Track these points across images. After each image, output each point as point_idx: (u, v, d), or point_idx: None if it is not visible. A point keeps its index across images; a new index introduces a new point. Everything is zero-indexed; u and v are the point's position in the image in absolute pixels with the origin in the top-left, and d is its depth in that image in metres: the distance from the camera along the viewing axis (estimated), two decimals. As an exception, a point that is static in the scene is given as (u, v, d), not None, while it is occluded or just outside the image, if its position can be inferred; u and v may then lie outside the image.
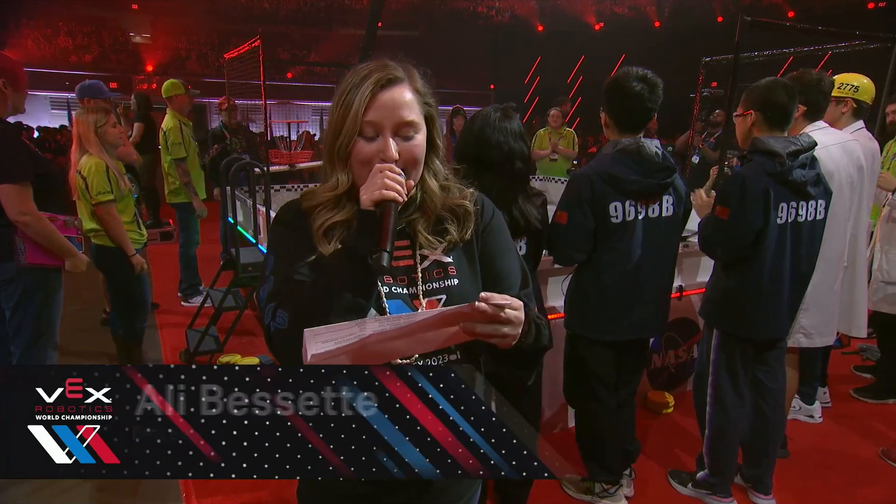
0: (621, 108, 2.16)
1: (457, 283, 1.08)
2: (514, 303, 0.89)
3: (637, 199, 2.14)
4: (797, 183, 2.14)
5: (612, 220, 2.14)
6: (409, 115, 1.01)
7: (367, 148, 1.00)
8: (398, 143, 1.00)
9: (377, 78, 1.00)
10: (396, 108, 1.00)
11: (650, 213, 2.17)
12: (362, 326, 0.85)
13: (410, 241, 1.08)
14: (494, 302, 0.86)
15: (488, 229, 1.15)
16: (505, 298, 0.88)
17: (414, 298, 1.05)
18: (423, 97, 1.05)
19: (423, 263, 1.07)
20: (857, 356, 4.18)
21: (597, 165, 2.19)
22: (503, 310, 0.87)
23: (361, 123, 0.99)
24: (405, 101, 1.01)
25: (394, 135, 1.00)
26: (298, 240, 1.04)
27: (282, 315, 0.95)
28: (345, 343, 0.85)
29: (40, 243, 2.49)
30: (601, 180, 2.12)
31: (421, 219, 1.08)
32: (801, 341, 2.60)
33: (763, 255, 2.19)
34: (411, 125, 1.01)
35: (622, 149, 2.13)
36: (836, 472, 2.80)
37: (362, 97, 0.99)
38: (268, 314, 0.97)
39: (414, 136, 1.02)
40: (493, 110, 2.02)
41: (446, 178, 1.13)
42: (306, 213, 1.06)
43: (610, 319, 2.25)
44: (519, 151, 1.98)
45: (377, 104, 0.99)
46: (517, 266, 1.17)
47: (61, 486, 2.57)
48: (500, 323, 0.88)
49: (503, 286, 1.12)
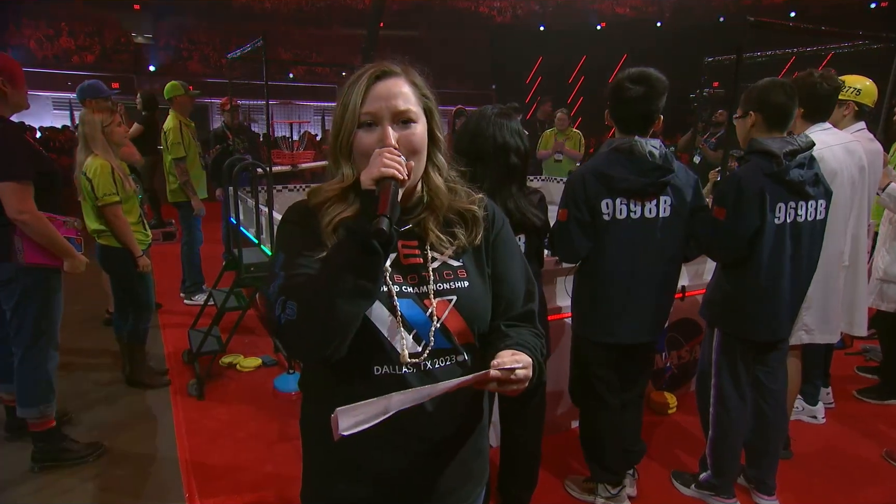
0: (620, 110, 2.16)
1: (467, 285, 1.08)
2: (522, 361, 0.97)
3: (629, 197, 2.13)
4: (795, 183, 2.14)
5: (604, 218, 2.14)
6: (405, 104, 1.03)
7: (366, 138, 1.02)
8: (397, 131, 1.02)
9: (372, 72, 1.04)
10: (392, 98, 1.02)
11: (646, 213, 2.15)
12: (389, 400, 0.89)
13: (420, 241, 1.08)
14: (506, 367, 0.94)
15: (499, 239, 1.15)
16: (515, 361, 0.96)
17: (424, 298, 1.05)
18: (420, 90, 1.08)
19: (433, 263, 1.07)
20: (861, 357, 4.18)
21: (591, 164, 2.20)
22: (514, 372, 0.95)
23: (359, 115, 1.02)
24: (401, 92, 1.03)
25: (392, 124, 1.02)
26: (307, 237, 1.03)
27: (291, 306, 0.94)
28: (374, 421, 0.87)
29: (39, 243, 2.49)
30: (594, 178, 2.13)
31: (430, 217, 1.08)
32: (802, 338, 2.61)
33: (761, 255, 2.18)
34: (408, 113, 1.03)
35: (615, 147, 2.15)
36: (839, 473, 2.79)
37: (359, 90, 1.02)
38: (278, 307, 0.96)
39: (412, 125, 1.03)
40: (492, 108, 2.05)
41: (453, 179, 1.13)
42: (314, 210, 1.06)
43: (607, 321, 2.25)
44: (514, 146, 2.00)
45: (373, 95, 1.02)
46: (523, 280, 1.17)
47: (63, 486, 2.57)
48: (510, 382, 0.95)
49: (506, 301, 1.13)
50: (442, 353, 1.05)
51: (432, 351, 1.03)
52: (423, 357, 1.03)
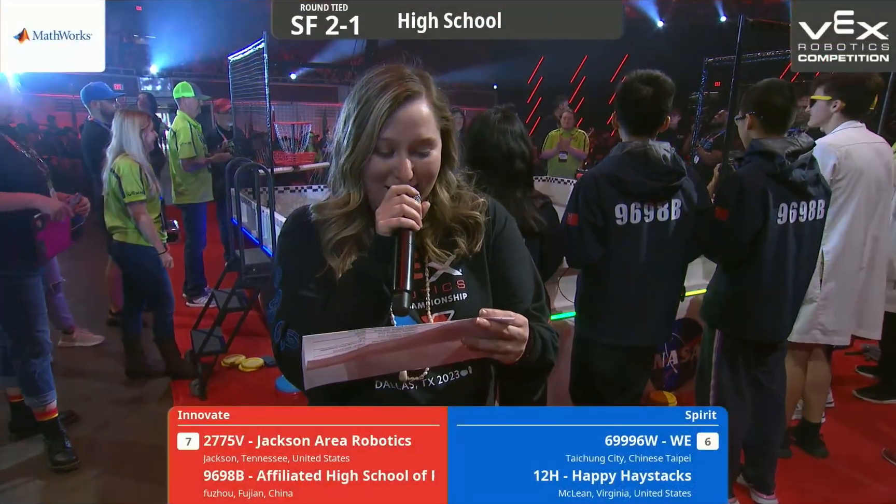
0: (629, 111, 2.14)
1: (465, 297, 1.05)
2: (517, 319, 0.89)
3: (643, 201, 2.10)
4: (797, 183, 2.14)
5: (618, 223, 2.11)
6: (427, 133, 0.97)
7: (381, 165, 0.97)
8: (413, 161, 0.97)
9: (395, 94, 0.95)
10: (414, 126, 0.96)
11: (658, 216, 2.13)
12: (361, 336, 0.86)
13: (419, 254, 1.05)
14: (496, 318, 0.86)
15: (500, 239, 1.11)
16: (508, 315, 0.88)
17: (422, 314, 1.03)
18: (441, 111, 1.01)
19: (432, 277, 1.05)
20: (861, 356, 4.17)
21: (603, 167, 2.16)
22: (506, 326, 0.87)
23: (377, 141, 0.96)
24: (423, 118, 0.97)
25: (410, 152, 0.97)
26: (307, 253, 1.02)
27: (293, 335, 0.93)
28: (343, 351, 0.85)
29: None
30: (607, 182, 2.10)
31: (430, 230, 1.05)
32: (817, 337, 2.59)
33: (763, 256, 2.19)
34: (428, 143, 0.98)
35: (629, 151, 2.11)
36: (838, 473, 2.80)
37: (379, 113, 0.95)
38: (277, 332, 0.96)
39: (430, 152, 0.99)
40: (493, 112, 2.02)
41: (458, 185, 1.09)
42: (315, 225, 1.04)
43: (621, 325, 2.22)
44: (519, 151, 1.98)
45: (394, 121, 0.95)
46: (530, 278, 1.14)
47: (67, 486, 2.59)
48: (503, 339, 0.88)
49: (514, 299, 1.09)
50: (444, 368, 1.03)
51: (434, 367, 1.02)
52: (423, 374, 1.02)
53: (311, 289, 0.99)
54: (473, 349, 0.89)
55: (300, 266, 1.02)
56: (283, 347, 0.96)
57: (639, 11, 17.72)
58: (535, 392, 2.21)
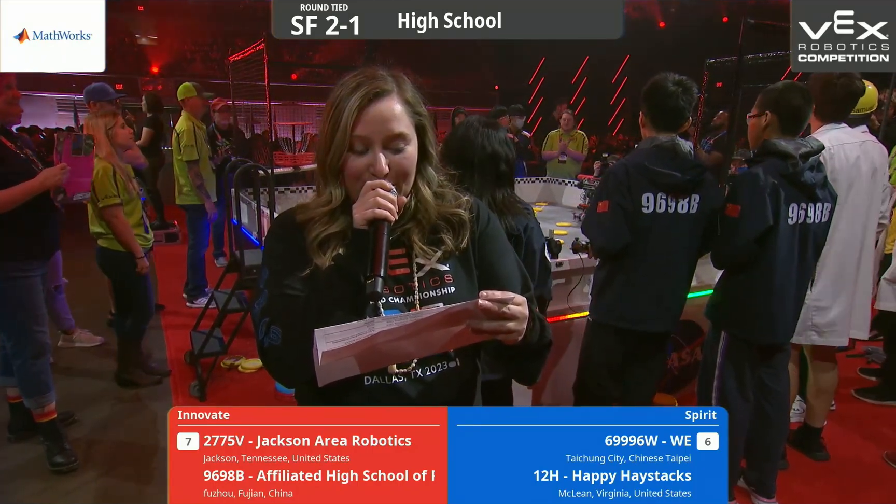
0: (658, 107, 2.25)
1: (453, 290, 1.08)
2: (516, 298, 0.91)
3: (668, 192, 2.21)
4: (808, 185, 2.16)
5: (644, 211, 2.22)
6: (398, 128, 1.00)
7: (357, 163, 1.00)
8: (388, 157, 1.00)
9: (364, 91, 0.99)
10: (384, 122, 0.99)
11: (679, 208, 2.24)
12: (371, 325, 0.87)
13: (406, 251, 1.08)
14: (496, 298, 0.88)
15: (484, 235, 1.15)
16: (506, 294, 0.90)
17: (411, 307, 1.05)
18: (414, 107, 1.05)
19: (419, 272, 1.07)
20: (863, 359, 4.17)
21: (633, 158, 2.29)
22: (506, 305, 0.89)
23: (350, 138, 0.99)
24: (394, 114, 1.00)
25: (383, 148, 1.00)
26: (292, 252, 1.04)
27: (275, 331, 0.96)
28: (354, 341, 0.86)
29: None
30: (637, 171, 2.21)
31: (416, 228, 1.08)
32: (813, 338, 2.60)
33: (773, 256, 2.20)
34: (401, 137, 1.01)
35: (658, 145, 2.24)
36: (840, 476, 2.79)
37: (350, 112, 0.98)
38: (261, 329, 0.98)
39: (404, 148, 1.02)
40: (477, 119, 2.08)
41: (441, 184, 1.12)
42: (300, 226, 1.06)
43: (640, 309, 2.30)
44: (503, 155, 2.00)
45: (365, 118, 0.99)
46: (516, 269, 1.17)
47: (66, 488, 2.59)
48: (505, 318, 0.90)
49: (503, 290, 1.12)
50: (432, 360, 1.05)
51: (422, 359, 1.04)
52: (411, 367, 1.03)
53: (296, 287, 1.01)
54: (478, 331, 0.90)
55: (285, 265, 1.04)
56: (266, 343, 0.98)
57: (640, 11, 17.74)
58: (538, 373, 2.22)
